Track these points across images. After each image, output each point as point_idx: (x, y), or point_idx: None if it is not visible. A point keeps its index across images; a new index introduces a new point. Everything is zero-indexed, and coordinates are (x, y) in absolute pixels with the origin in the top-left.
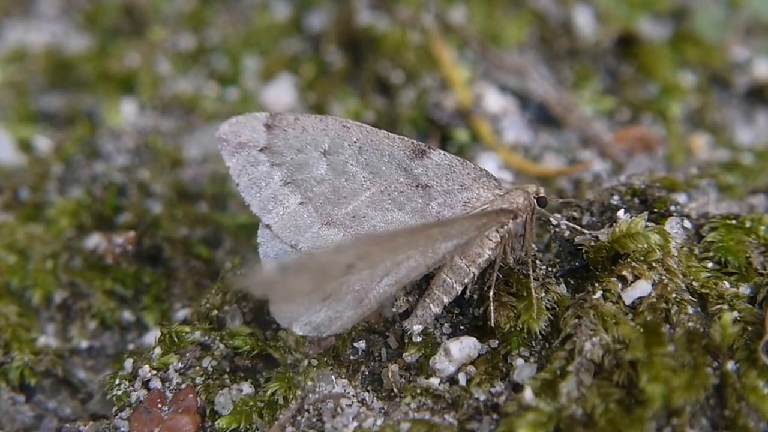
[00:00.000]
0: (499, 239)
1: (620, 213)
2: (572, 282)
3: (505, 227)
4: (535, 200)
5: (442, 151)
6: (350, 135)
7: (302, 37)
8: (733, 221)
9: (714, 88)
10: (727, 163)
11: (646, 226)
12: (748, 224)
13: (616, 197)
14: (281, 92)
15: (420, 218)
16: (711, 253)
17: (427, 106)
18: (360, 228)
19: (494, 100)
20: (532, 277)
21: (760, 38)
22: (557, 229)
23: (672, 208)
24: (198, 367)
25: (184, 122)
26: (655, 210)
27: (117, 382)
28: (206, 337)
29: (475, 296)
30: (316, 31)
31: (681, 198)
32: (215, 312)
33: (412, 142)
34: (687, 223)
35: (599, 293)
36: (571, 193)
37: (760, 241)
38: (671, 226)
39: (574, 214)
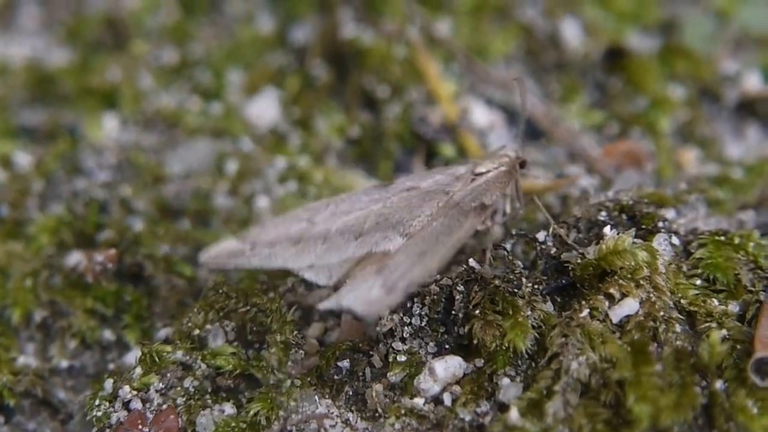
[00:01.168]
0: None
1: (607, 230)
2: (559, 300)
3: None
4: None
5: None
6: (318, 206)
7: (287, 51)
8: (722, 238)
9: (703, 101)
10: (716, 178)
11: (634, 243)
12: (737, 241)
13: (603, 213)
14: (265, 107)
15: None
16: (699, 270)
17: (413, 121)
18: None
19: (481, 114)
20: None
21: (749, 51)
22: (543, 246)
23: (660, 224)
24: (179, 388)
25: (167, 137)
26: (643, 226)
27: (97, 402)
28: (188, 357)
29: (461, 314)
30: (301, 45)
31: (669, 214)
32: (197, 331)
33: (374, 185)
34: (675, 240)
35: (586, 311)
36: (558, 209)
37: (749, 258)
38: (659, 242)
39: (561, 230)
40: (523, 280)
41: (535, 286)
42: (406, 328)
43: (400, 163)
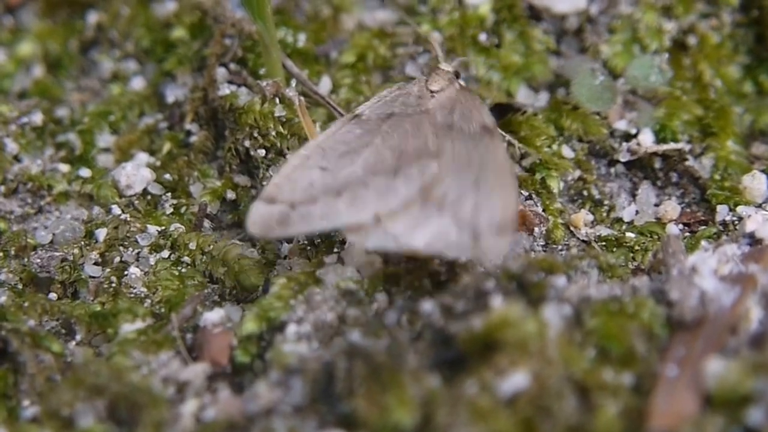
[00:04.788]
0: None
1: (495, 300)
2: (446, 373)
3: None
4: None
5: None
6: (312, 153)
7: (160, 111)
8: (615, 306)
9: (594, 160)
10: (608, 240)
11: (523, 314)
12: (630, 309)
13: (491, 282)
14: (137, 171)
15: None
16: (592, 341)
17: None
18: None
19: None
20: None
21: (639, 109)
22: (429, 318)
23: (550, 293)
24: None
25: (32, 205)
26: (533, 295)
27: None
28: None
29: (344, 391)
30: (175, 104)
31: (560, 281)
32: (66, 410)
33: (340, 119)
34: (567, 309)
35: (474, 386)
36: (444, 276)
37: (643, 328)
38: (550, 313)
39: (448, 300)
40: (409, 353)
41: (421, 359)
42: (285, 406)
43: None
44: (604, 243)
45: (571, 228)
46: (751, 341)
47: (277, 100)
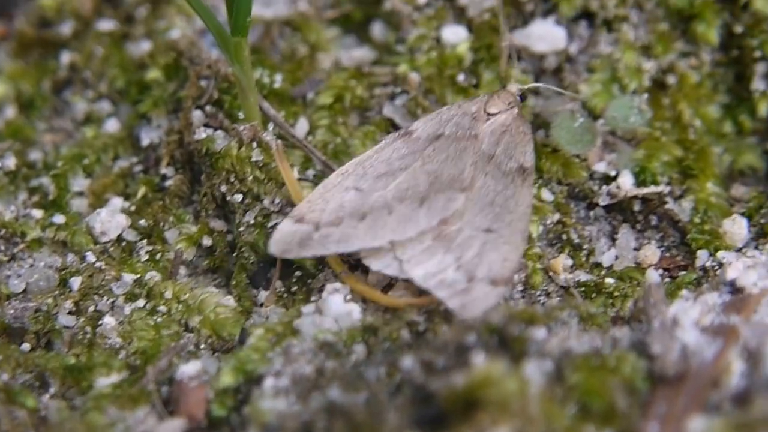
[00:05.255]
0: None
1: (476, 357)
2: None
3: None
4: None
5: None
6: (349, 171)
7: (134, 153)
8: (596, 361)
9: (574, 203)
10: (588, 286)
11: (506, 372)
12: (611, 364)
13: (472, 336)
14: (111, 217)
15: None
16: (574, 396)
17: (268, 230)
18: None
19: None
20: None
21: (619, 150)
22: (411, 375)
23: (531, 348)
24: None
25: (5, 252)
26: (514, 350)
27: None
28: None
29: None
30: (150, 147)
31: (541, 332)
32: None
33: (392, 135)
34: (548, 365)
35: None
36: (423, 326)
37: (625, 382)
38: (531, 369)
39: (429, 355)
40: (389, 410)
41: (402, 417)
42: None
43: (256, 275)
44: (583, 289)
45: (550, 273)
46: (735, 398)
47: (255, 145)
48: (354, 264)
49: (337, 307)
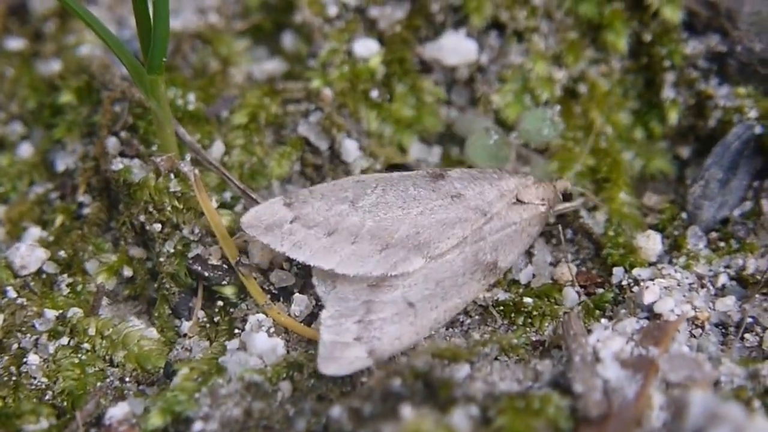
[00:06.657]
0: None
1: (404, 410)
2: None
3: None
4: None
5: (457, 169)
6: (368, 183)
7: (50, 179)
8: (521, 404)
9: None
10: (506, 305)
11: (434, 425)
12: (536, 405)
13: (398, 381)
14: (30, 252)
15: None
16: None
17: (188, 259)
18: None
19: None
20: None
21: (533, 163)
22: (340, 424)
23: (457, 393)
24: None
25: None
26: (441, 397)
27: None
28: None
29: None
30: (65, 173)
31: (464, 370)
32: None
33: (428, 171)
34: (473, 410)
35: None
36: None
37: (549, 424)
38: (458, 417)
39: (356, 403)
40: None
41: None
42: None
43: (178, 305)
44: (502, 308)
45: None
46: None
47: (172, 176)
48: (276, 293)
49: (262, 344)
